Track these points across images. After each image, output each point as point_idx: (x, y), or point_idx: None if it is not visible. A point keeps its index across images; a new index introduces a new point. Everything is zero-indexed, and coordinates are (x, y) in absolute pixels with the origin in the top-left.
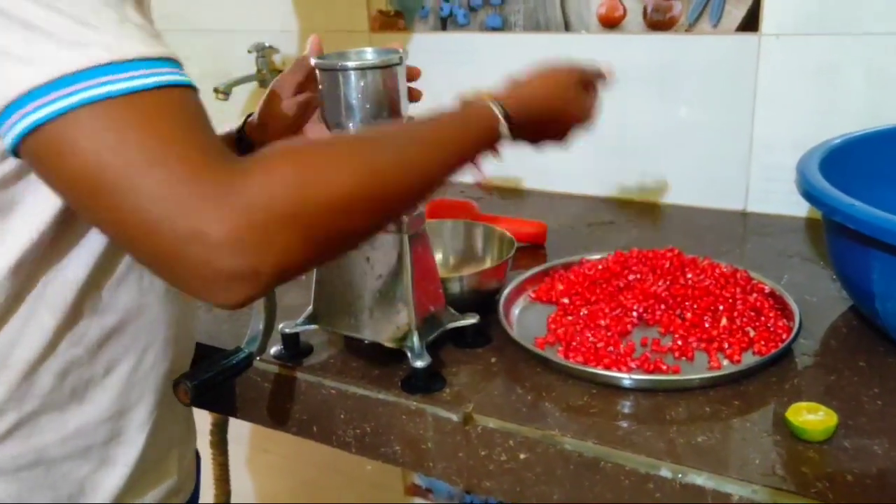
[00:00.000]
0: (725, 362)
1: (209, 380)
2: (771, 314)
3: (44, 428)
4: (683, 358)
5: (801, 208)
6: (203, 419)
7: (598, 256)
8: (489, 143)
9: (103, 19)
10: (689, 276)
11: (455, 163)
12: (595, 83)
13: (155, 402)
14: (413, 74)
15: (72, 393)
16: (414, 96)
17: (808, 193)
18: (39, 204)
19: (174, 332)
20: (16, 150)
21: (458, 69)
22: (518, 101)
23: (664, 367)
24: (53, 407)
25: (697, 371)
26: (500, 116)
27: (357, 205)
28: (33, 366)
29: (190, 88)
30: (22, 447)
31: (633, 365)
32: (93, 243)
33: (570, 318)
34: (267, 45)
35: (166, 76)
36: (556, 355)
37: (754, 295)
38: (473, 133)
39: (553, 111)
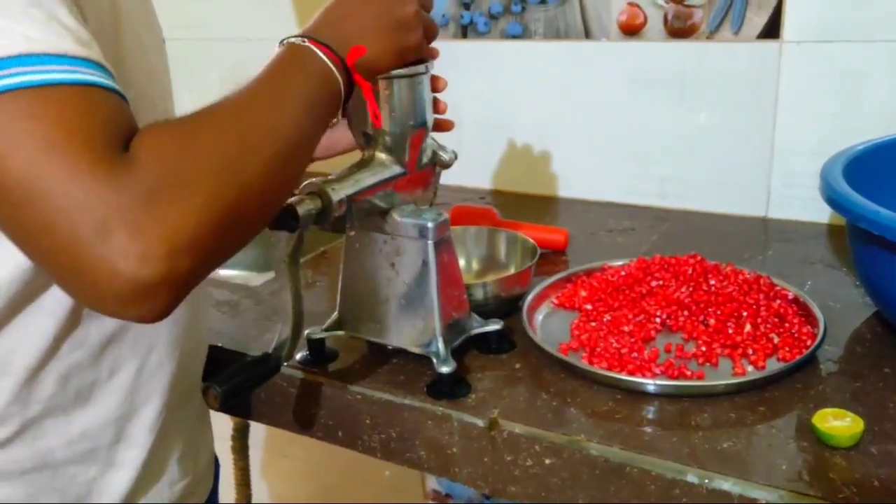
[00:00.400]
0: (750, 368)
1: (238, 385)
2: (795, 320)
3: (48, 431)
4: (707, 364)
5: (822, 214)
6: (224, 425)
7: (620, 263)
8: (324, 79)
9: (28, 15)
10: (713, 282)
11: (292, 110)
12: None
13: (162, 404)
14: (438, 86)
15: (76, 396)
16: (439, 109)
17: (833, 200)
18: None
19: (178, 334)
20: None
21: (478, 77)
22: (319, 23)
23: (688, 373)
24: (58, 410)
25: (721, 377)
26: (304, 42)
27: (236, 162)
28: (35, 370)
29: (110, 91)
30: (27, 451)
31: (657, 371)
32: None
33: (593, 324)
34: None
35: (85, 75)
36: (581, 361)
37: (778, 301)
38: (293, 70)
39: (374, 10)
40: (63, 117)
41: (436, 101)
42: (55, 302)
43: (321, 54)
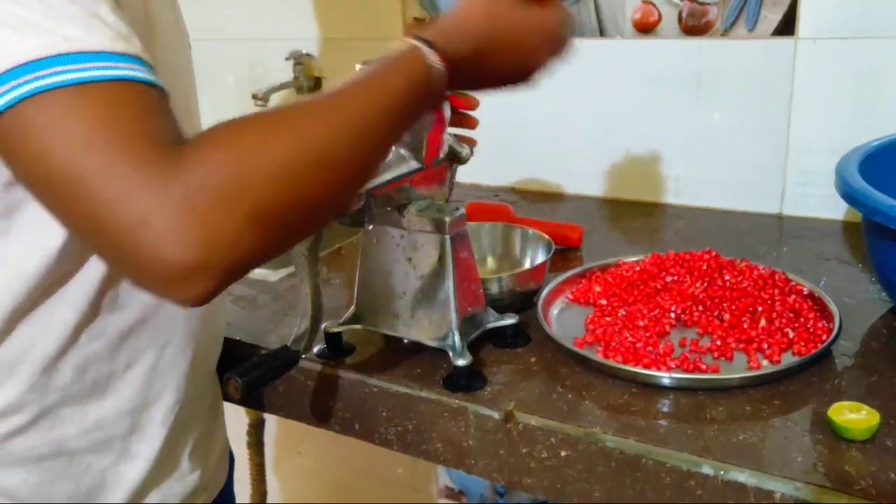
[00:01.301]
0: (765, 363)
1: (259, 377)
2: (810, 315)
3: (65, 420)
4: (722, 358)
5: (837, 211)
6: (239, 420)
7: (634, 259)
8: (425, 88)
9: (68, 13)
10: (727, 277)
11: (392, 117)
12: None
13: (176, 397)
14: (471, 105)
15: (92, 386)
16: (471, 123)
17: (849, 195)
18: None
19: (195, 328)
20: None
21: None
22: (451, 34)
23: (703, 367)
24: (74, 400)
25: (736, 371)
26: (426, 53)
27: (296, 173)
28: (53, 360)
29: (150, 86)
30: (43, 438)
31: (672, 364)
32: None
33: (608, 318)
34: (304, 52)
35: (124, 71)
36: (596, 355)
37: (793, 296)
38: (402, 80)
39: (500, 38)
40: (101, 114)
41: (468, 119)
42: (76, 293)
43: (437, 65)
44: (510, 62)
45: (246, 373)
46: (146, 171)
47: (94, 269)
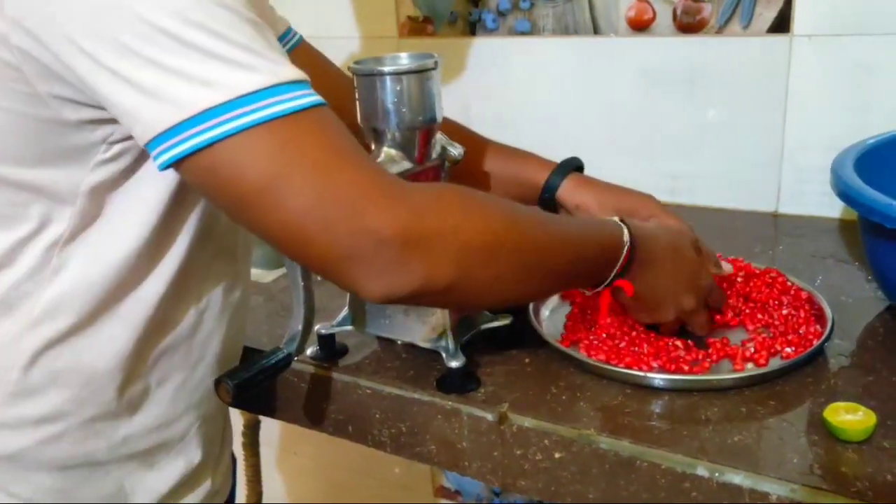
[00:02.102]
0: (758, 363)
1: (250, 379)
2: (805, 315)
3: (98, 434)
4: (714, 358)
5: (833, 209)
6: (235, 421)
7: None
8: (611, 257)
9: (259, 45)
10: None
11: (581, 260)
12: (703, 254)
13: (199, 413)
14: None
15: (127, 403)
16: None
17: (844, 193)
18: (129, 218)
19: (224, 350)
20: (174, 166)
21: (487, 74)
22: (645, 231)
23: (685, 368)
24: (109, 415)
25: (730, 371)
26: (625, 234)
27: (502, 247)
28: (99, 375)
29: (328, 106)
30: (74, 450)
31: (654, 364)
32: (169, 262)
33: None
34: None
35: (314, 97)
36: (585, 355)
37: (787, 296)
38: (603, 239)
39: (672, 260)
40: (320, 138)
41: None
42: (130, 311)
43: (626, 237)
44: (667, 285)
45: (237, 375)
46: (380, 189)
47: (151, 289)
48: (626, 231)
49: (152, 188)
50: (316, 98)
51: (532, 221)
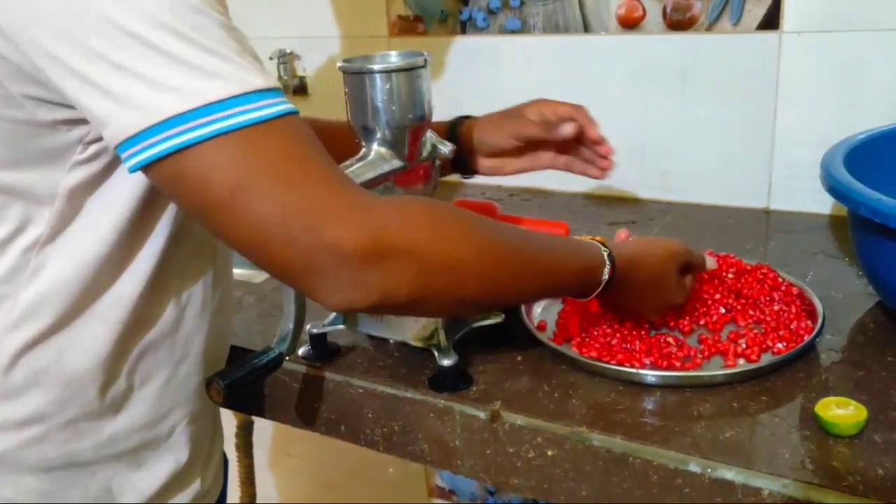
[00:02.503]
0: (750, 358)
1: (241, 379)
2: (795, 311)
3: (82, 434)
4: (706, 354)
5: (824, 205)
6: (228, 422)
7: None
8: (588, 280)
9: (230, 51)
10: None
11: (556, 279)
12: (695, 271)
13: (186, 411)
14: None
15: (111, 402)
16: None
17: (834, 189)
18: (105, 217)
19: (208, 347)
20: (142, 170)
21: (478, 72)
22: (626, 257)
23: (677, 364)
24: (92, 415)
25: (721, 367)
26: (606, 259)
27: (470, 273)
28: (80, 375)
29: (299, 115)
30: (58, 450)
31: (646, 361)
32: (146, 260)
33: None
34: (288, 51)
35: (283, 105)
36: (577, 352)
37: (778, 292)
38: (581, 261)
39: (652, 284)
40: (287, 149)
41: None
42: (108, 310)
43: (606, 270)
44: (645, 301)
45: (228, 375)
46: (343, 202)
47: (129, 287)
48: (606, 265)
49: (128, 188)
50: (284, 107)
51: (504, 244)
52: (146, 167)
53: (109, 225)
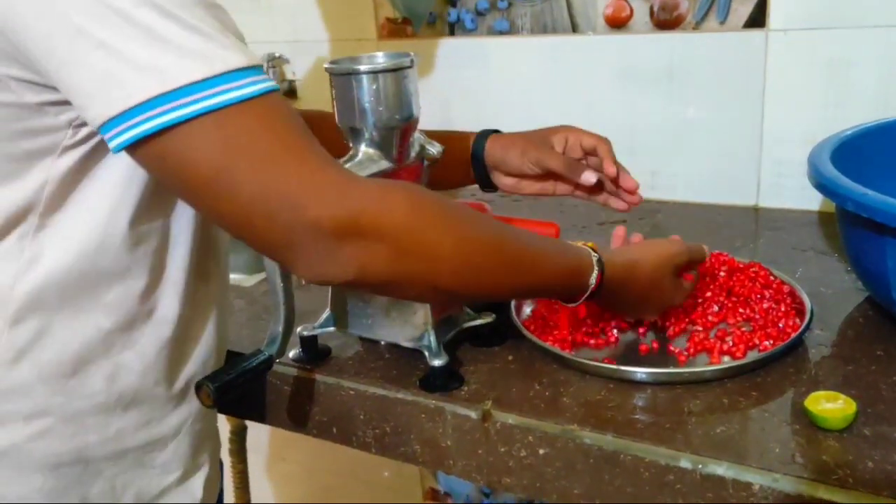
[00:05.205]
0: (738, 354)
1: (230, 382)
2: (784, 308)
3: (88, 428)
4: (691, 351)
5: (813, 202)
6: (222, 427)
7: None
8: (575, 283)
9: (212, 29)
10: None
11: (539, 279)
12: (695, 268)
13: (192, 410)
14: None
15: (119, 397)
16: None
17: (821, 184)
18: (100, 203)
19: (216, 342)
20: (126, 150)
21: (467, 74)
22: (619, 266)
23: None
24: (100, 409)
25: (712, 364)
26: (595, 267)
27: (445, 260)
28: (85, 365)
29: (279, 92)
30: (65, 445)
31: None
32: (149, 250)
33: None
34: (277, 55)
35: (265, 83)
36: (569, 352)
37: (768, 288)
38: (567, 264)
39: (648, 291)
40: (269, 128)
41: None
42: (114, 301)
43: (594, 276)
44: (635, 308)
45: (217, 378)
46: (323, 182)
47: (135, 281)
48: (595, 271)
49: (122, 172)
50: (266, 85)
51: (483, 237)
52: (130, 147)
53: (106, 211)
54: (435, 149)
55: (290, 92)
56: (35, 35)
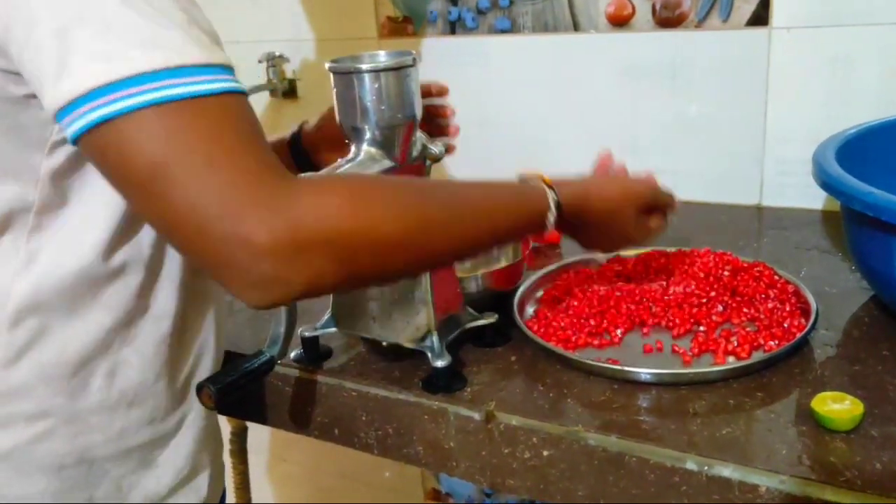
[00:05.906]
0: (744, 354)
1: (232, 383)
2: (789, 308)
3: (92, 427)
4: (695, 351)
5: (816, 201)
6: (222, 428)
7: (614, 255)
8: (535, 226)
9: (175, 21)
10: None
11: (499, 234)
12: (664, 210)
13: (193, 407)
14: (441, 91)
15: (120, 394)
16: (441, 114)
17: (826, 183)
18: (94, 201)
19: (215, 340)
20: (76, 143)
21: (467, 72)
22: (575, 199)
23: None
24: (102, 407)
25: (717, 364)
26: (552, 205)
27: (397, 249)
28: (86, 363)
29: (244, 95)
30: (69, 445)
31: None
32: (146, 248)
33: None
34: (277, 54)
35: (225, 83)
36: (572, 352)
37: (773, 288)
38: (524, 211)
39: (604, 224)
40: (213, 130)
41: (438, 110)
42: (112, 297)
43: (552, 209)
44: (600, 240)
45: (219, 379)
46: (257, 194)
47: (133, 276)
48: (552, 212)
49: None
50: (226, 85)
51: (433, 210)
52: (79, 139)
53: (101, 209)
54: (437, 148)
55: (291, 91)
56: (6, 23)
